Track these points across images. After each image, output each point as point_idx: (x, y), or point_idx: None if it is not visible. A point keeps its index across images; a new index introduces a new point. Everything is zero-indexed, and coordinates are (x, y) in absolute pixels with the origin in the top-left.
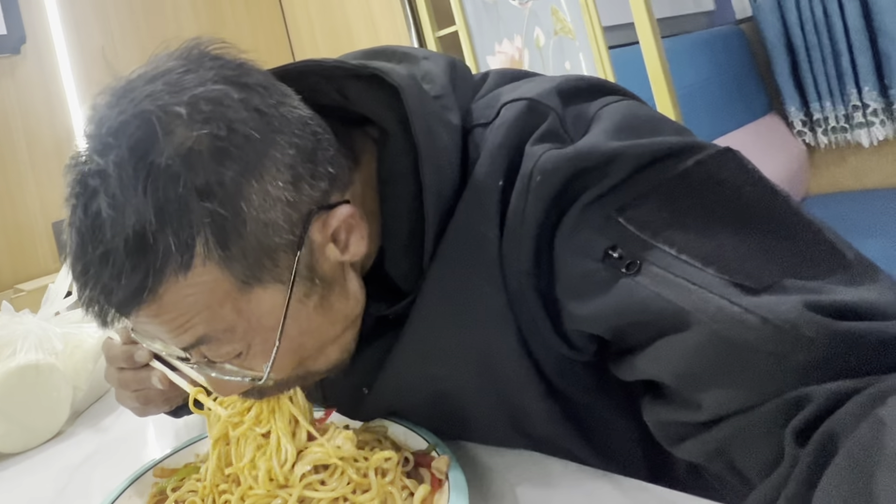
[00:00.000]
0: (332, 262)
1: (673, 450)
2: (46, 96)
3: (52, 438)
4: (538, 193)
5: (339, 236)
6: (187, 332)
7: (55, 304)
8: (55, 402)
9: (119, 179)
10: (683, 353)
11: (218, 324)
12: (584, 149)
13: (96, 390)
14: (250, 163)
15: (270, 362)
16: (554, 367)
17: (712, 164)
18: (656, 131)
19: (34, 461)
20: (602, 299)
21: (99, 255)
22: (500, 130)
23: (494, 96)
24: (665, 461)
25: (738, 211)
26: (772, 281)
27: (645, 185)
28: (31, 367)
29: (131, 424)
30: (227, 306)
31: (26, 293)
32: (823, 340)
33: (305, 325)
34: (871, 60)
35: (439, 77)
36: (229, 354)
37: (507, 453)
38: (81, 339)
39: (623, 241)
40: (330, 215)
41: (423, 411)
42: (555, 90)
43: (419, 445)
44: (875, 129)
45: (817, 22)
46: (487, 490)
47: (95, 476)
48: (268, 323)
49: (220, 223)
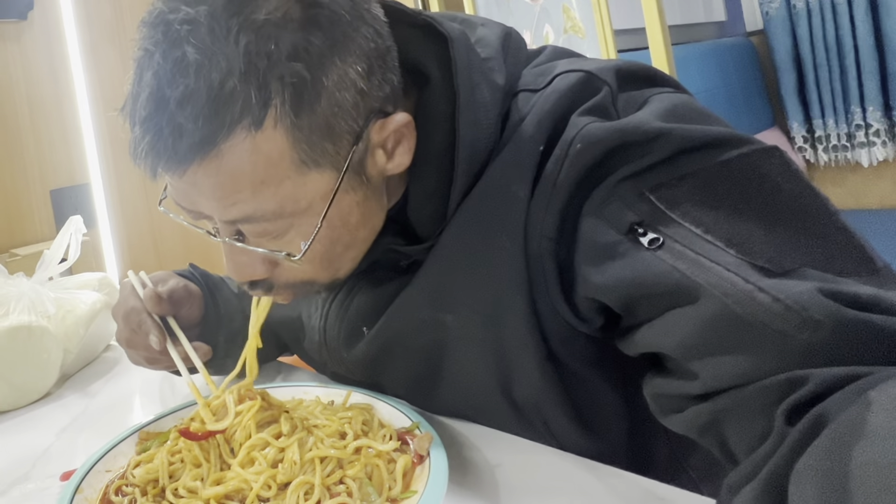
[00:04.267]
0: (378, 166)
1: (666, 422)
2: (51, 63)
3: (41, 399)
4: (575, 161)
5: (388, 145)
6: (235, 206)
7: (50, 268)
8: (45, 363)
9: (210, 28)
10: (690, 325)
11: (267, 203)
12: (630, 124)
13: (86, 355)
14: (336, 40)
15: (310, 240)
16: (557, 333)
17: (756, 158)
18: (706, 123)
19: (21, 419)
20: (619, 269)
21: (178, 96)
22: (552, 97)
23: (549, 67)
24: (647, 447)
25: (775, 205)
26: (792, 267)
27: (685, 168)
28: (22, 328)
29: (119, 390)
30: (282, 185)
31: (21, 258)
32: (831, 324)
33: (345, 217)
34: (877, 81)
35: (492, 42)
36: (267, 234)
37: (487, 434)
38: (74, 304)
39: (650, 218)
40: (388, 119)
41: (414, 357)
42: (614, 69)
43: (403, 423)
44: (876, 149)
45: (827, 39)
46: (467, 469)
47: (80, 438)
48: (315, 208)
49: (300, 88)
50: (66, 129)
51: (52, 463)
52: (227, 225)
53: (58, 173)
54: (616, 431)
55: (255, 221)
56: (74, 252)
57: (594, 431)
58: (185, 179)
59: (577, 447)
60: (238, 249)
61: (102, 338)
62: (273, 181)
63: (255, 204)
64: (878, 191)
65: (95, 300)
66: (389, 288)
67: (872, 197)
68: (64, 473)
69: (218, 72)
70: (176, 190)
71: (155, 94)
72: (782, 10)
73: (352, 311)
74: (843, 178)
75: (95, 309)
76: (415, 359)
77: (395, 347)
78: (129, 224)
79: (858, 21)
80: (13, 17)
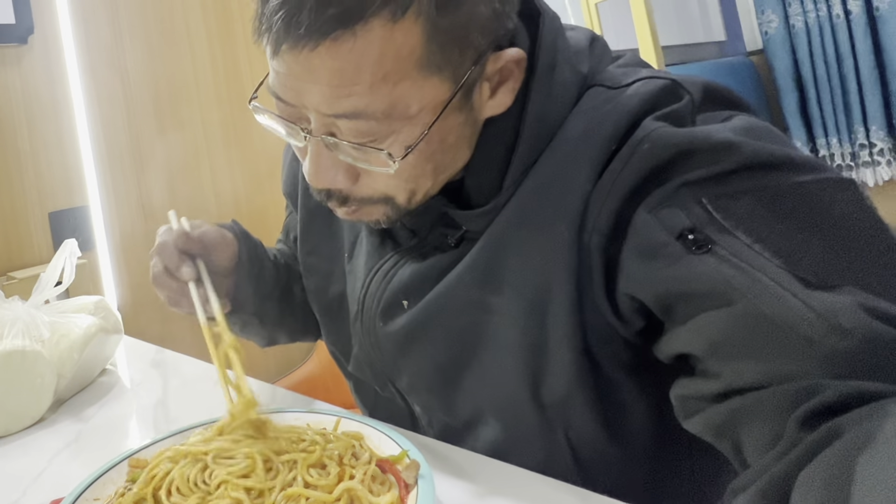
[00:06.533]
0: (483, 99)
1: (687, 424)
2: (51, 88)
3: (34, 424)
4: (640, 161)
5: (495, 80)
6: (349, 98)
7: (45, 292)
8: (38, 388)
9: None
10: (719, 324)
11: (381, 100)
12: (701, 132)
13: (81, 379)
14: None
15: (412, 146)
16: (597, 331)
17: (831, 186)
18: (782, 145)
19: (13, 445)
20: (661, 268)
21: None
22: (634, 99)
23: (633, 70)
24: (670, 465)
25: (838, 231)
26: (836, 284)
27: (752, 183)
28: (16, 352)
29: (113, 415)
30: (400, 84)
31: (18, 281)
32: (860, 334)
33: (445, 136)
34: (880, 99)
35: (581, 41)
36: (367, 135)
37: (478, 461)
38: (69, 328)
39: (703, 226)
40: (504, 52)
41: (450, 339)
42: (701, 84)
43: (392, 450)
44: (881, 168)
45: (828, 58)
46: (455, 498)
47: (73, 464)
48: (422, 117)
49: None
50: (64, 152)
51: (44, 489)
52: (328, 120)
53: (56, 196)
54: (640, 441)
55: (362, 118)
56: (69, 275)
57: (618, 438)
58: (307, 60)
59: (596, 454)
60: (326, 152)
61: (97, 362)
62: (394, 77)
63: (369, 98)
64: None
65: (90, 324)
66: (437, 264)
67: None
68: (52, 502)
69: None
70: (285, 77)
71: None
72: (781, 29)
73: (394, 283)
74: None
75: (90, 333)
76: (450, 341)
77: (435, 326)
78: (128, 247)
79: (858, 39)
80: (14, 41)
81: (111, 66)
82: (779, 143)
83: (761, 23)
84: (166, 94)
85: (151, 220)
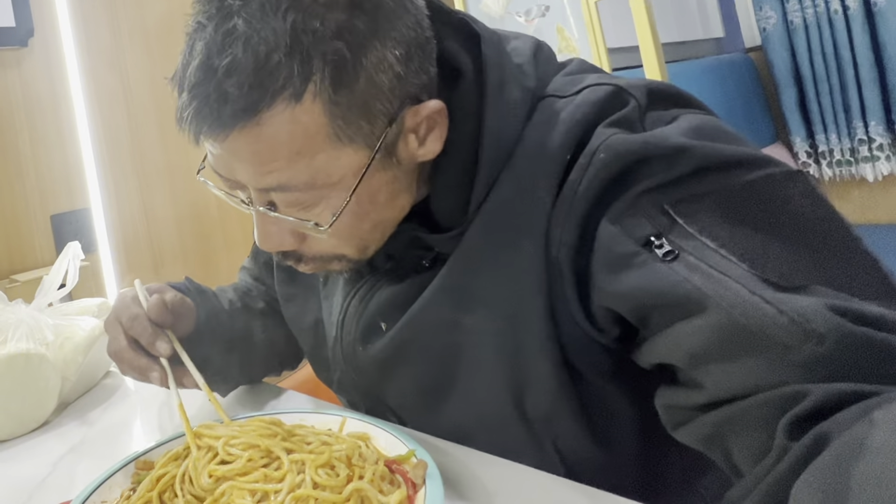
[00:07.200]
0: (409, 151)
1: (675, 434)
2: (51, 90)
3: (38, 428)
4: (598, 171)
5: (420, 131)
6: (271, 175)
7: (49, 295)
8: (43, 391)
9: (261, 4)
10: (696, 335)
11: (301, 174)
12: (654, 137)
13: (85, 382)
14: (379, 25)
15: (338, 212)
16: (575, 341)
17: (781, 180)
18: (732, 143)
19: (18, 449)
20: (633, 279)
21: (226, 65)
22: (582, 107)
23: (579, 77)
24: (659, 463)
25: (795, 226)
26: (802, 284)
27: (708, 186)
28: (20, 355)
29: (118, 418)
30: (316, 157)
31: (21, 284)
32: (834, 337)
33: (374, 195)
34: (878, 95)
35: (524, 52)
36: (298, 204)
37: (485, 461)
38: (72, 331)
39: (668, 231)
40: (422, 106)
41: (429, 360)
42: (644, 86)
43: (399, 450)
44: (880, 163)
45: (826, 54)
46: (464, 497)
47: (78, 468)
48: (345, 182)
49: (341, 65)
50: (65, 155)
51: (49, 494)
52: (261, 193)
53: (58, 198)
54: (629, 445)
55: (288, 190)
56: (73, 278)
57: (606, 444)
58: (225, 145)
59: (587, 462)
60: (269, 219)
61: (101, 365)
62: (308, 152)
63: (290, 173)
64: (885, 205)
65: (94, 326)
66: (412, 285)
67: (879, 211)
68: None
69: (265, 45)
70: (215, 157)
71: (204, 63)
72: (779, 25)
73: (371, 306)
74: (848, 193)
75: (94, 335)
76: (430, 362)
77: (413, 348)
78: (130, 249)
79: (856, 35)
80: (14, 44)
81: (111, 68)
82: (726, 139)
83: (759, 19)
84: (166, 94)
85: (153, 222)
